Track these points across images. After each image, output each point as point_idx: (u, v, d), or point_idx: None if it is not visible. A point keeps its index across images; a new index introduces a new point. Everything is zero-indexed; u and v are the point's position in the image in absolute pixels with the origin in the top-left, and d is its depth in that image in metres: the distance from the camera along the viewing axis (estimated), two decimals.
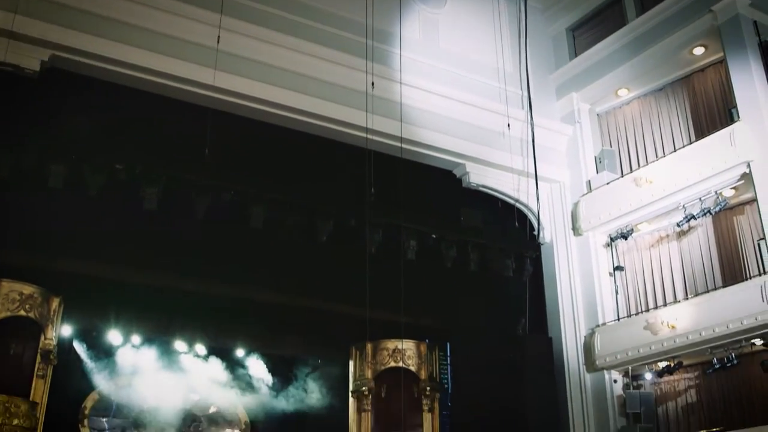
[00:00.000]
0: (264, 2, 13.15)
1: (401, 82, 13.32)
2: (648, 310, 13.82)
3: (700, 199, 13.14)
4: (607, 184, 14.79)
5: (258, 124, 13.07)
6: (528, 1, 16.38)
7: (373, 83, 12.48)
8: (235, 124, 12.63)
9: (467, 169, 14.76)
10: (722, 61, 13.64)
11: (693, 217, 13.19)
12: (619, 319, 14.12)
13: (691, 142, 13.87)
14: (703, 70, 14.38)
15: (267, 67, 12.85)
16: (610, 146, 15.62)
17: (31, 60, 11.17)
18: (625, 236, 14.29)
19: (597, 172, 15.30)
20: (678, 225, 13.63)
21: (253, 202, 12.66)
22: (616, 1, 15.82)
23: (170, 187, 12.06)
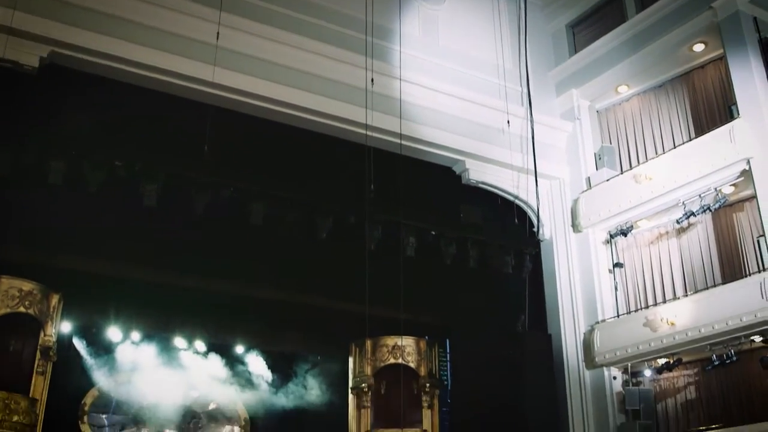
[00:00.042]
0: None
1: (401, 79, 13.29)
2: (647, 307, 13.81)
3: (700, 195, 13.13)
4: (607, 180, 14.79)
5: (257, 120, 13.06)
6: None
7: (372, 80, 12.46)
8: (234, 121, 12.62)
9: (467, 166, 14.75)
10: (722, 58, 13.62)
11: (692, 214, 13.19)
12: (618, 316, 14.12)
13: (690, 139, 13.86)
14: (702, 66, 14.36)
15: (267, 64, 12.83)
16: (610, 143, 15.61)
17: (30, 56, 11.13)
18: (624, 233, 14.29)
19: (597, 169, 15.29)
20: (677, 222, 13.62)
21: (253, 199, 12.65)
22: None
23: (170, 184, 12.05)
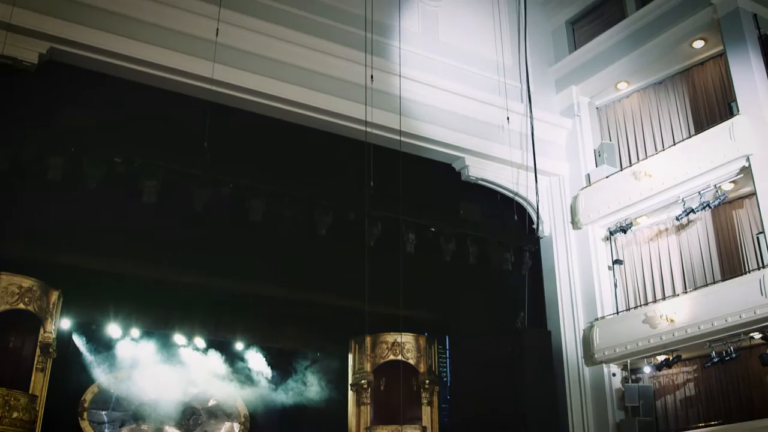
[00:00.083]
0: None
1: (400, 75, 13.29)
2: (647, 304, 13.83)
3: (700, 192, 13.13)
4: (607, 177, 14.79)
5: (257, 117, 13.05)
6: None
7: (372, 76, 12.47)
8: (234, 118, 12.60)
9: (466, 163, 14.75)
10: (722, 55, 13.61)
11: (692, 211, 13.19)
12: (618, 313, 14.13)
13: (690, 136, 13.86)
14: (702, 63, 14.36)
15: (266, 60, 12.82)
16: (610, 140, 15.61)
17: (30, 53, 11.13)
18: (624, 230, 14.29)
19: (596, 166, 15.29)
20: (677, 218, 13.63)
21: (252, 196, 12.63)
22: None
23: (169, 181, 12.03)
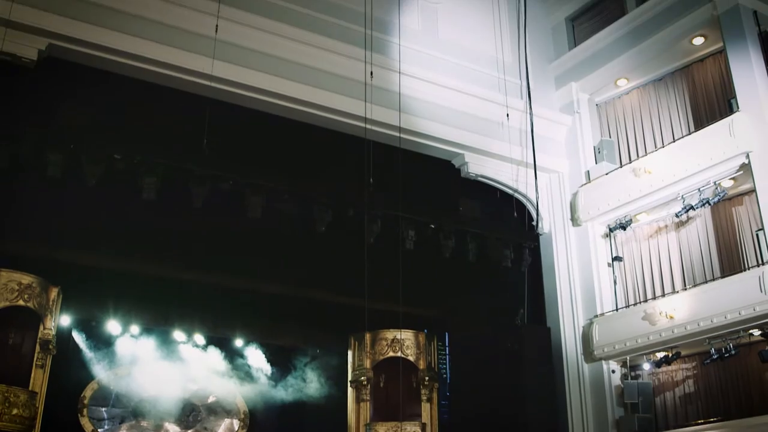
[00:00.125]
0: None
1: (400, 72, 13.28)
2: (646, 301, 13.84)
3: (699, 189, 13.12)
4: (606, 174, 14.78)
5: (256, 113, 13.04)
6: None
7: (372, 73, 12.47)
8: (233, 114, 12.60)
9: (466, 159, 14.73)
10: (722, 52, 13.60)
11: (692, 208, 13.19)
12: (617, 310, 14.13)
13: (690, 133, 13.85)
14: (702, 60, 14.35)
15: (266, 57, 12.80)
16: (609, 136, 15.60)
17: (29, 49, 11.10)
18: (623, 227, 14.28)
19: (596, 163, 15.29)
20: (676, 215, 13.63)
21: (252, 192, 12.63)
22: None
23: (169, 177, 12.04)
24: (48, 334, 12.71)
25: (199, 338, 15.58)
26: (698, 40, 14.00)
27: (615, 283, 14.47)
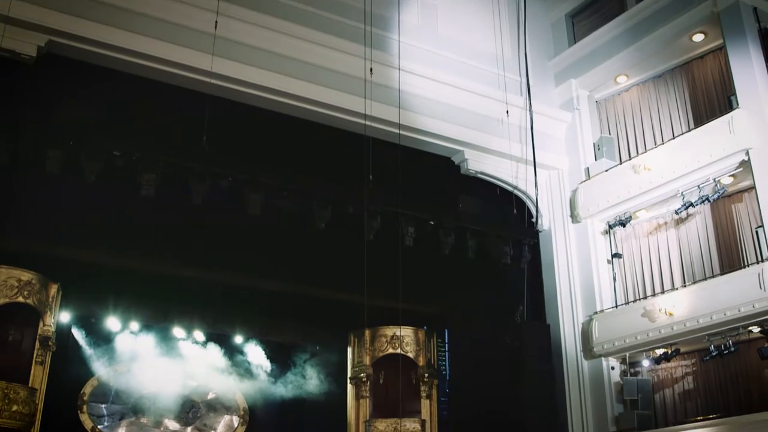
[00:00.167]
0: None
1: (400, 69, 13.25)
2: (646, 298, 13.83)
3: (699, 186, 13.11)
4: (606, 171, 14.77)
5: (256, 110, 13.02)
6: None
7: (371, 69, 12.45)
8: (232, 111, 12.58)
9: (465, 156, 14.72)
10: (722, 48, 13.58)
11: (691, 205, 13.18)
12: (616, 306, 14.13)
13: (689, 130, 13.83)
14: (702, 57, 14.33)
15: (265, 53, 12.79)
16: (609, 133, 15.59)
17: (28, 45, 11.09)
18: (623, 223, 14.28)
19: (595, 159, 15.27)
20: (676, 212, 13.61)
21: (251, 189, 12.64)
22: None
23: (168, 174, 12.04)
24: (47, 331, 12.71)
25: (199, 335, 15.60)
26: (698, 37, 13.98)
27: (614, 280, 14.47)
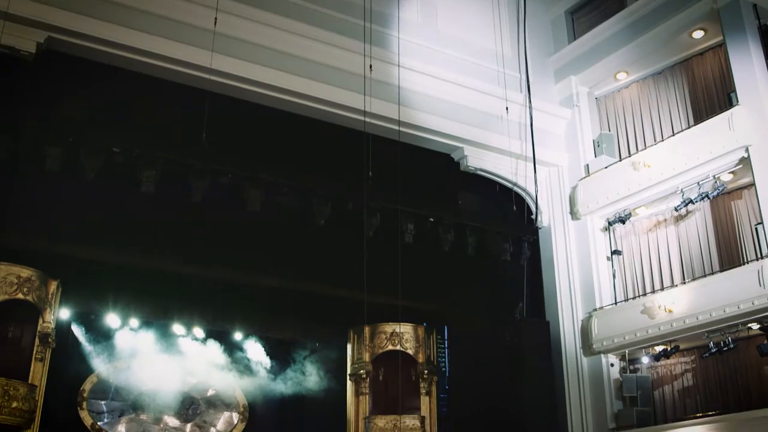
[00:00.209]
0: None
1: (399, 66, 13.25)
2: (645, 294, 13.84)
3: (698, 183, 13.12)
4: (605, 168, 14.77)
5: (255, 107, 13.02)
6: None
7: (371, 66, 12.44)
8: (232, 108, 12.57)
9: (465, 153, 14.72)
10: (721, 45, 13.57)
11: (691, 202, 13.19)
12: (616, 303, 14.14)
13: (689, 127, 13.83)
14: (702, 53, 14.33)
15: (265, 50, 12.77)
16: (609, 130, 15.59)
17: (27, 42, 11.07)
18: (622, 220, 14.29)
19: (595, 156, 15.27)
20: (676, 209, 13.61)
21: (251, 186, 12.64)
22: None
23: (167, 171, 12.03)
24: (47, 328, 12.72)
25: (199, 331, 15.60)
26: (698, 34, 13.97)
27: (614, 276, 14.47)
